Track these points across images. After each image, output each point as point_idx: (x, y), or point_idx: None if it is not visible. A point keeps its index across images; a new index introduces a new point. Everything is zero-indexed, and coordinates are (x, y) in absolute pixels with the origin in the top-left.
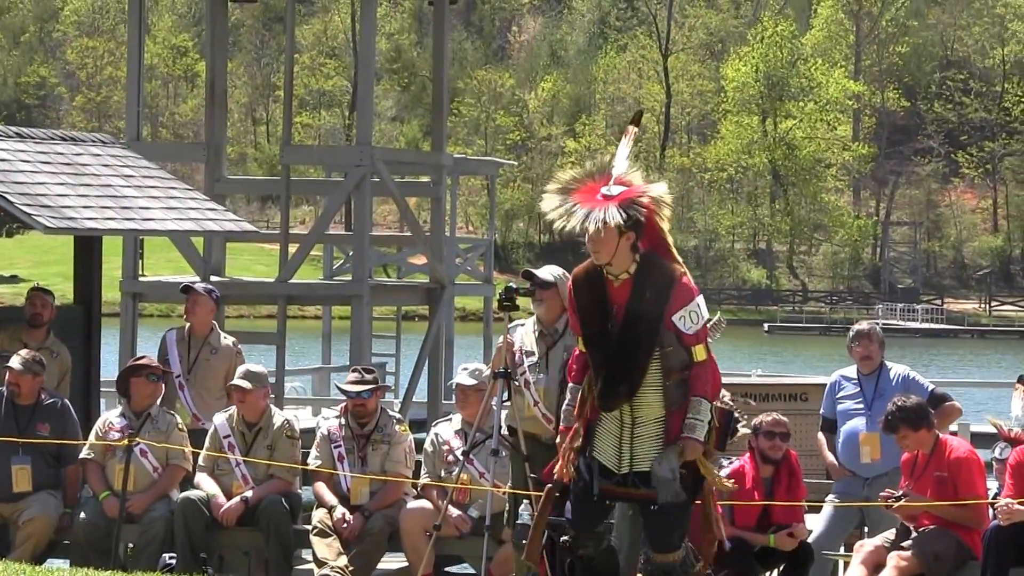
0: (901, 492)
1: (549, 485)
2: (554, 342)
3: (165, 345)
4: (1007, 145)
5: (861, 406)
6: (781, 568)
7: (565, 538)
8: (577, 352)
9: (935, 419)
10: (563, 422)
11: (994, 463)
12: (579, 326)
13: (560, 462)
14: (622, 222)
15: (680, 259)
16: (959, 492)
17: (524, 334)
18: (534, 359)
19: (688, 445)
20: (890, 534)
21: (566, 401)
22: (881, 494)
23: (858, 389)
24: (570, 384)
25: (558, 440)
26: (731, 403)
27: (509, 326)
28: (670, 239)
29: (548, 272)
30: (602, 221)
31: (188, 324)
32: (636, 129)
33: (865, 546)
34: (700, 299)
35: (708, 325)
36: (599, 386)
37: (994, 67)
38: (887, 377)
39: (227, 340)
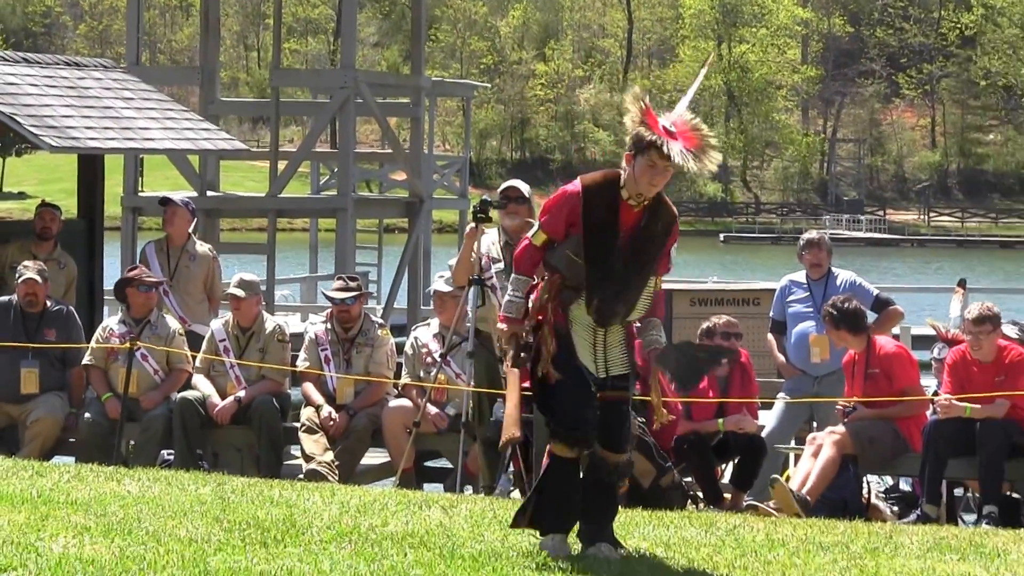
0: (852, 406)
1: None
2: None
3: (145, 257)
4: (944, 67)
5: (811, 310)
6: (736, 461)
7: (574, 438)
8: (528, 244)
9: (880, 322)
10: (508, 312)
11: (933, 363)
12: (576, 235)
13: (545, 365)
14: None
15: None
16: (894, 383)
17: (489, 243)
18: (500, 266)
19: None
20: (839, 428)
21: (513, 291)
22: (837, 409)
23: (807, 294)
24: (516, 275)
25: (502, 328)
26: None
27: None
28: None
29: (525, 187)
30: (692, 163)
31: (166, 234)
32: (706, 70)
33: (817, 439)
34: None
35: None
36: (596, 303)
37: None
38: (834, 283)
39: (203, 247)
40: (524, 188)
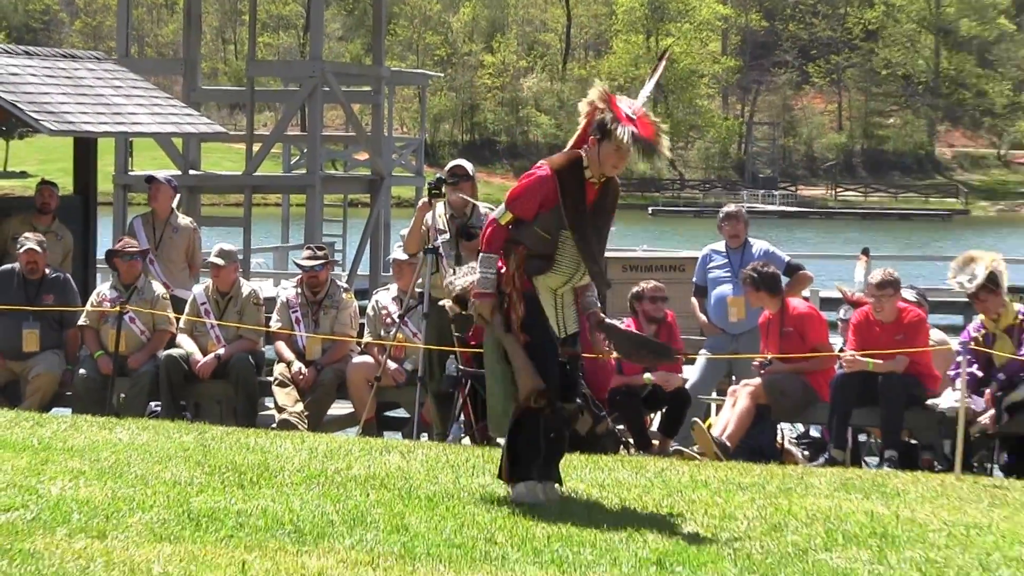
0: (769, 359)
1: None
2: (463, 223)
3: (133, 229)
4: (849, 59)
5: (729, 274)
6: (664, 410)
7: (543, 395)
8: (496, 226)
9: (791, 285)
10: (484, 287)
11: (839, 322)
12: (546, 214)
13: (515, 330)
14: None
15: None
16: (806, 341)
17: (436, 216)
18: (446, 237)
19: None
20: (754, 381)
21: (485, 268)
22: (753, 364)
23: (726, 261)
24: (485, 254)
25: (475, 305)
26: None
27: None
28: None
29: (469, 166)
30: (650, 153)
31: (152, 209)
32: (663, 64)
33: (738, 391)
34: None
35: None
36: (593, 269)
37: None
38: (751, 251)
39: (185, 220)
40: (469, 167)
